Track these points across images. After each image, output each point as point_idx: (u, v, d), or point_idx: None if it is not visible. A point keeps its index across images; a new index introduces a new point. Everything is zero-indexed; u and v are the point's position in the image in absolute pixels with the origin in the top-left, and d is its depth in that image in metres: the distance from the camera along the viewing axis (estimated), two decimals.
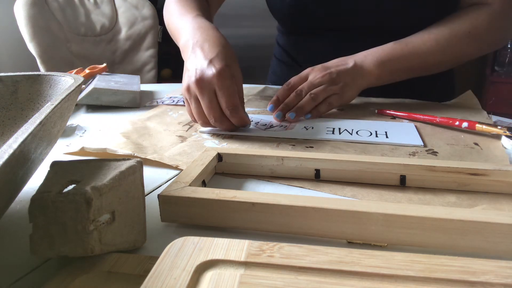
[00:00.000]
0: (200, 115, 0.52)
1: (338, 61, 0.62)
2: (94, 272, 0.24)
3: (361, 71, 0.61)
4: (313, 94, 0.58)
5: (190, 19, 0.60)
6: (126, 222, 0.27)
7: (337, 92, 0.60)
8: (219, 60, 0.50)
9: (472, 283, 0.19)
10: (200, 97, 0.50)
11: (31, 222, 0.23)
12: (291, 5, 0.73)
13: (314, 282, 0.19)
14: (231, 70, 0.50)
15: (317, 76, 0.60)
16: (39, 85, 0.41)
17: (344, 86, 0.60)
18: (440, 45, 0.61)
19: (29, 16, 1.35)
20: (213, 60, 0.50)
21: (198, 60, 0.51)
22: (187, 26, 0.59)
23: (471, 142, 0.49)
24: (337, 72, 0.60)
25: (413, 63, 0.62)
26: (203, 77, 0.49)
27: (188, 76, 0.51)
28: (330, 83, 0.59)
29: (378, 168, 0.38)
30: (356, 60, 0.62)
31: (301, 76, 0.62)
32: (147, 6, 1.61)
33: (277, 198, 0.30)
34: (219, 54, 0.51)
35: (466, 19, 0.62)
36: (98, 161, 0.29)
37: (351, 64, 0.61)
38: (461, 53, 0.64)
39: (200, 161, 0.39)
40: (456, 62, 0.66)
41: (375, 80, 0.62)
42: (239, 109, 0.50)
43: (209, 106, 0.50)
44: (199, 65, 0.50)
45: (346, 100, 0.62)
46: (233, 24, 1.77)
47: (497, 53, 2.15)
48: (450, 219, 0.27)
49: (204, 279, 0.20)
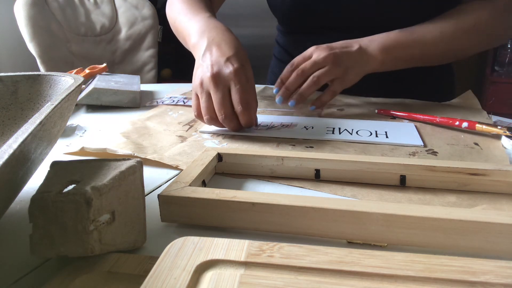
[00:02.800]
0: (208, 110, 0.51)
1: (344, 43, 0.61)
2: (94, 272, 0.24)
3: (365, 55, 0.60)
4: (315, 78, 0.57)
5: (203, 18, 0.60)
6: (126, 222, 0.27)
7: (339, 76, 0.59)
8: (237, 59, 0.50)
9: (472, 283, 0.19)
10: (214, 91, 0.50)
11: (31, 222, 0.23)
12: (292, 4, 0.73)
13: (314, 282, 0.19)
14: (247, 71, 0.50)
15: (321, 55, 0.59)
16: (39, 85, 0.41)
17: (347, 69, 0.59)
18: (445, 36, 0.61)
19: (29, 16, 1.35)
20: (230, 58, 0.50)
21: (215, 57, 0.51)
22: (201, 25, 0.58)
23: (471, 142, 0.49)
24: (342, 53, 0.59)
25: (417, 51, 0.62)
26: (220, 73, 0.49)
27: (202, 72, 0.51)
28: (333, 65, 0.58)
29: (378, 168, 0.38)
30: (361, 44, 0.61)
31: (304, 56, 0.61)
32: (147, 6, 1.61)
33: (277, 198, 0.30)
34: (236, 54, 0.51)
35: (471, 12, 0.62)
36: (98, 161, 0.29)
37: (356, 47, 0.60)
38: (464, 45, 0.64)
39: (200, 161, 0.39)
40: (459, 55, 0.66)
41: (379, 66, 0.61)
42: (251, 107, 0.50)
43: (221, 102, 0.49)
44: (215, 62, 0.51)
45: (347, 84, 0.60)
46: (233, 24, 1.76)
47: (497, 53, 2.15)
48: (450, 219, 0.27)
49: (204, 279, 0.20)
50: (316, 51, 0.60)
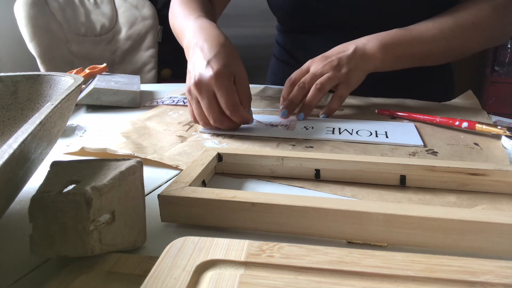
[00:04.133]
0: (201, 116, 0.52)
1: (338, 48, 0.61)
2: (94, 272, 0.24)
3: (364, 55, 0.60)
4: (318, 85, 0.57)
5: (192, 20, 0.60)
6: (126, 222, 0.27)
7: (343, 80, 0.58)
8: (217, 61, 0.50)
9: (472, 283, 0.19)
10: (200, 98, 0.50)
11: (31, 222, 0.23)
12: (291, 2, 0.73)
13: (314, 282, 0.19)
14: (230, 70, 0.50)
15: (319, 66, 0.58)
16: (39, 85, 0.41)
17: (349, 72, 0.58)
18: (444, 33, 0.61)
19: (29, 16, 1.35)
20: (210, 61, 0.50)
21: (197, 62, 0.51)
22: (189, 27, 0.59)
23: (471, 142, 0.49)
24: (338, 59, 0.58)
25: (416, 49, 0.61)
26: (201, 79, 0.50)
27: (188, 78, 0.52)
28: (334, 70, 0.58)
29: (378, 168, 0.38)
30: (357, 44, 0.60)
31: (301, 70, 0.61)
32: (147, 6, 1.61)
33: (277, 198, 0.30)
34: (217, 54, 0.51)
35: (470, 10, 0.62)
36: (98, 161, 0.29)
37: (351, 49, 0.59)
38: (464, 43, 0.63)
39: (200, 161, 0.39)
40: (460, 54, 0.65)
41: (379, 64, 0.61)
42: (239, 108, 0.50)
43: (208, 107, 0.50)
44: (197, 67, 0.51)
45: (353, 86, 0.60)
46: (233, 24, 1.77)
47: (497, 53, 2.15)
48: (450, 219, 0.27)
49: (204, 279, 0.20)
50: (313, 63, 0.60)
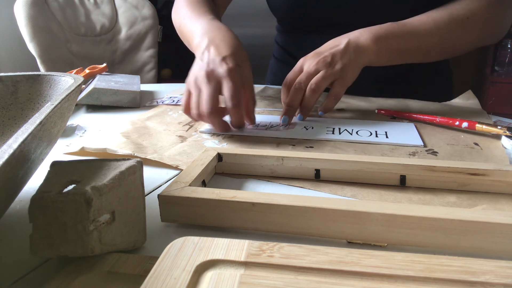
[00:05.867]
0: (196, 104, 0.51)
1: (331, 43, 0.60)
2: (94, 272, 0.24)
3: (357, 48, 0.58)
4: (313, 85, 0.56)
5: (206, 20, 0.61)
6: (126, 222, 0.27)
7: (337, 76, 0.57)
8: (232, 59, 0.51)
9: (472, 283, 0.19)
10: (206, 86, 0.50)
11: (31, 222, 0.23)
12: (291, 2, 0.73)
13: (314, 282, 0.19)
14: (242, 71, 0.51)
15: (312, 64, 0.57)
16: (39, 85, 0.41)
17: (343, 67, 0.57)
18: (439, 28, 0.60)
19: (29, 16, 1.35)
20: (226, 58, 0.51)
21: (211, 57, 0.52)
22: (203, 27, 0.59)
23: (471, 142, 0.49)
24: (331, 55, 0.57)
25: (411, 43, 0.60)
26: (214, 71, 0.50)
27: (198, 69, 0.52)
28: (327, 67, 0.56)
29: (378, 168, 0.38)
30: (350, 38, 0.59)
31: (295, 70, 0.60)
32: (147, 6, 1.61)
33: (277, 198, 0.30)
34: (233, 54, 0.51)
35: (465, 5, 0.62)
36: (98, 161, 0.29)
37: (344, 43, 0.58)
38: (459, 38, 0.63)
39: (200, 161, 0.39)
40: (455, 50, 0.65)
41: (374, 57, 0.59)
42: (241, 105, 0.50)
43: (211, 95, 0.49)
44: (211, 60, 0.51)
45: (348, 82, 0.58)
46: (233, 24, 1.76)
47: (497, 53, 2.15)
48: (450, 219, 0.27)
49: (204, 279, 0.20)
50: (306, 62, 0.59)
